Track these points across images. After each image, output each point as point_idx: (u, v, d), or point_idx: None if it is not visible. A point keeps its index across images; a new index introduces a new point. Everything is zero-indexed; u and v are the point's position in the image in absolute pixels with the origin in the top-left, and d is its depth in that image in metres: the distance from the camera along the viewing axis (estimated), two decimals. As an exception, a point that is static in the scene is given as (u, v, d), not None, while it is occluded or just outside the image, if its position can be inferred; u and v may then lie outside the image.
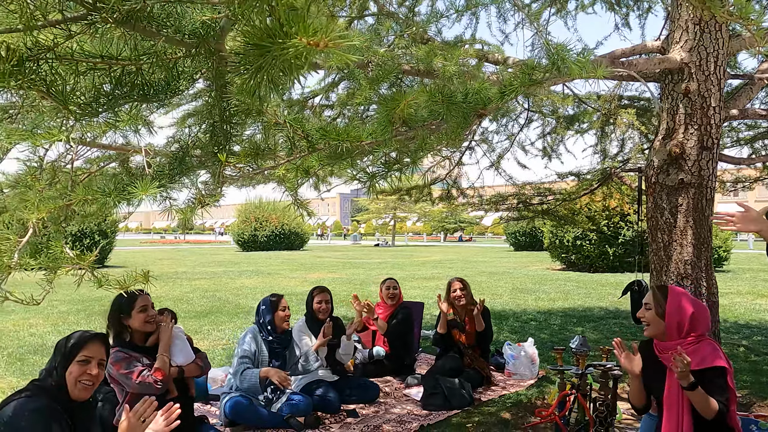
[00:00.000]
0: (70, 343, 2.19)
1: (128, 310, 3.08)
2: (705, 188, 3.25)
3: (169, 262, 21.01)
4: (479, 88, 1.32)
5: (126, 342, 3.11)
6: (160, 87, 1.05)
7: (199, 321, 8.03)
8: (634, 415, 4.09)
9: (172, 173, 1.34)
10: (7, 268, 1.12)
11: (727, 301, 9.95)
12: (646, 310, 2.75)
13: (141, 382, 2.96)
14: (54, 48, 0.88)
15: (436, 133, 1.45)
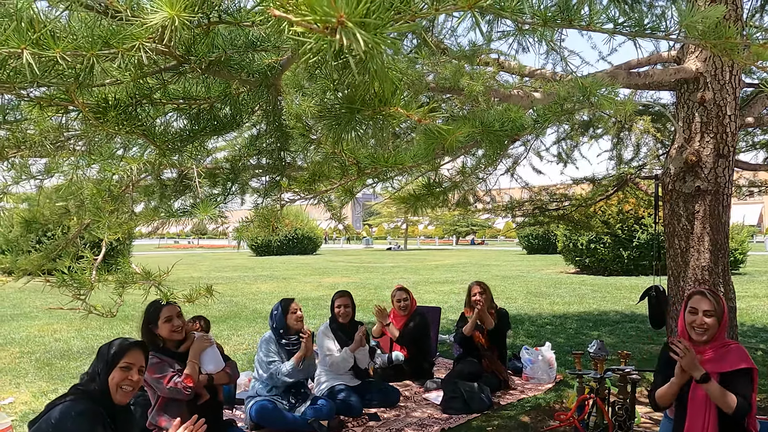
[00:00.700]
0: (113, 350, 2.30)
1: (155, 320, 3.21)
2: (721, 195, 3.31)
3: (184, 267, 21.24)
4: (515, 116, 1.41)
5: (160, 348, 3.23)
6: (226, 120, 1.15)
7: (218, 326, 8.15)
8: (652, 418, 4.13)
9: (227, 191, 1.44)
10: (88, 284, 1.22)
11: (744, 305, 9.91)
12: (707, 317, 2.76)
13: (171, 387, 3.07)
14: (151, 95, 0.99)
15: (475, 158, 1.55)
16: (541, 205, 5.53)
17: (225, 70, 0.90)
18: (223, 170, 1.59)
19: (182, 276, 17.17)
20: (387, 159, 1.33)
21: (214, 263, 24.20)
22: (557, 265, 20.37)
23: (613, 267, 16.20)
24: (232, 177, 1.49)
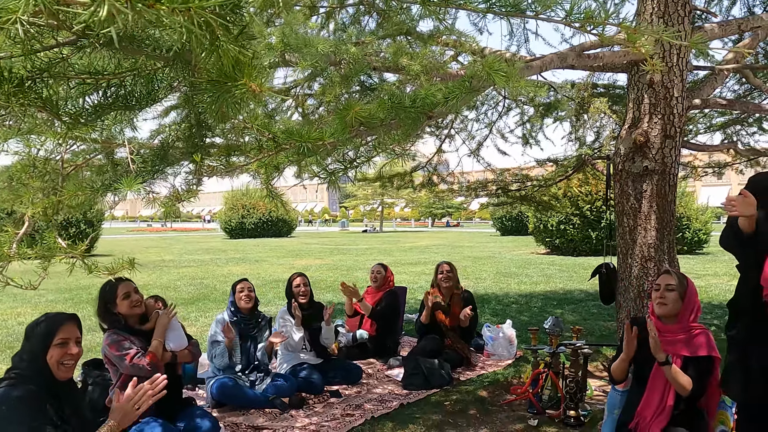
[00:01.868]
0: (43, 328, 2.24)
1: (113, 299, 3.20)
2: (668, 175, 3.41)
3: (156, 250, 21.01)
4: (426, 93, 1.45)
5: (122, 326, 3.21)
6: (141, 96, 1.16)
7: (187, 308, 8.13)
8: (605, 391, 4.28)
9: (155, 169, 1.45)
10: (6, 257, 1.22)
11: (704, 283, 10.24)
12: (667, 291, 2.87)
13: (134, 364, 3.07)
14: (49, 68, 0.99)
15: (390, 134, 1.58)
16: (504, 185, 5.62)
17: (131, 46, 0.91)
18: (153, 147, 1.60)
19: (153, 259, 17.00)
20: (301, 134, 1.36)
21: (186, 246, 23.97)
22: (528, 247, 20.69)
23: (582, 247, 16.53)
24: (161, 153, 1.51)
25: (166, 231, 45.14)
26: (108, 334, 3.17)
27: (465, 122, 5.93)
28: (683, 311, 2.89)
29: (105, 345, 3.14)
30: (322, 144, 1.34)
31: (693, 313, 2.90)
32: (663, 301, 2.88)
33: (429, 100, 1.42)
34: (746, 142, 6.31)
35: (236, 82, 0.84)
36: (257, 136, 1.38)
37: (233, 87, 0.84)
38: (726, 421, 3.08)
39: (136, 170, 1.41)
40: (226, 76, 0.85)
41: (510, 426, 3.63)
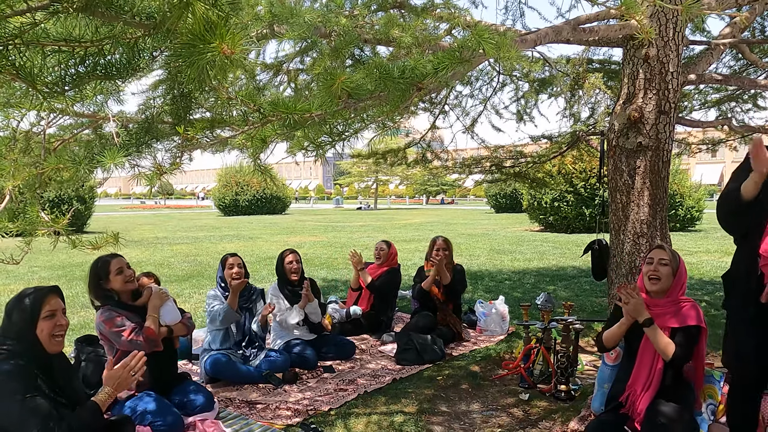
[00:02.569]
0: (29, 304, 2.24)
1: (105, 274, 3.19)
2: (662, 151, 3.40)
3: (149, 228, 20.96)
4: (415, 64, 1.41)
5: (115, 302, 3.21)
6: (121, 65, 1.13)
7: (181, 285, 8.14)
8: (596, 366, 4.33)
9: (140, 142, 1.42)
10: (-14, 230, 1.21)
11: (696, 260, 10.32)
12: (661, 266, 2.89)
13: (132, 340, 3.08)
14: (21, 34, 0.95)
15: (379, 106, 1.55)
16: (498, 162, 5.59)
17: (108, 12, 0.88)
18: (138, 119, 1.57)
19: (147, 236, 16.96)
20: (287, 105, 1.33)
21: (180, 223, 23.91)
22: (523, 224, 20.75)
23: (576, 224, 16.59)
24: (146, 126, 1.48)
25: (159, 208, 44.99)
26: (102, 311, 3.17)
27: (459, 98, 5.88)
28: (674, 286, 2.91)
29: (100, 321, 3.14)
30: (310, 116, 1.31)
31: (683, 286, 2.93)
32: (656, 275, 2.89)
33: (418, 71, 1.39)
34: (741, 118, 6.30)
35: (209, 44, 0.81)
36: (242, 108, 1.35)
37: (206, 49, 0.81)
38: (714, 395, 3.12)
39: (121, 144, 1.38)
40: (199, 39, 0.82)
41: (501, 400, 3.67)
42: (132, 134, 1.47)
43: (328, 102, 1.31)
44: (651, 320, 2.81)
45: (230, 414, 3.45)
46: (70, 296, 7.39)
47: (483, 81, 5.69)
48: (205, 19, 0.80)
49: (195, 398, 3.32)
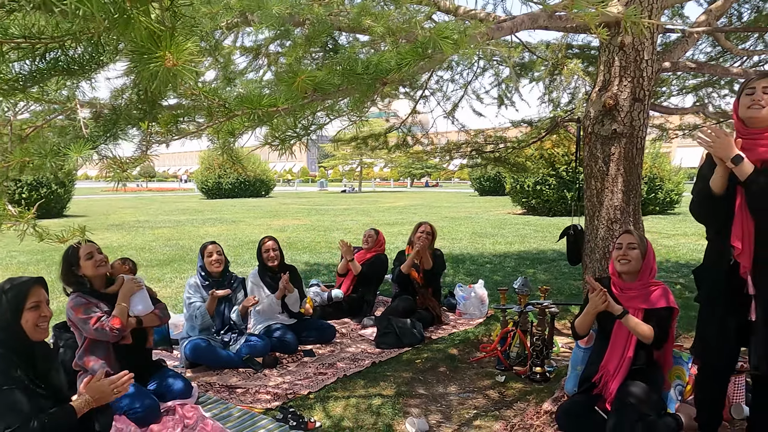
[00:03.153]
0: (14, 294, 2.26)
1: (76, 261, 3.17)
2: (636, 138, 3.45)
3: (130, 211, 20.75)
4: (378, 60, 1.43)
5: (87, 289, 3.18)
6: (84, 61, 1.12)
7: (162, 269, 8.11)
8: (571, 348, 4.43)
9: (108, 134, 1.42)
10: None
11: (672, 243, 10.51)
12: (630, 249, 2.98)
13: (98, 328, 3.05)
14: None
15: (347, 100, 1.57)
16: (478, 147, 5.62)
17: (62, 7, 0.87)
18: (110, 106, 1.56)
19: (128, 220, 16.80)
20: (254, 101, 1.34)
21: (162, 206, 23.69)
22: (506, 207, 20.90)
23: (557, 208, 16.75)
24: (114, 118, 1.47)
25: (141, 191, 44.48)
26: (72, 297, 3.15)
27: (440, 83, 5.88)
28: (644, 269, 2.99)
29: (69, 308, 3.13)
30: (276, 110, 1.32)
31: (652, 269, 3.01)
32: (626, 258, 2.98)
33: (382, 66, 1.40)
34: (717, 104, 6.38)
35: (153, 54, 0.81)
36: (206, 105, 1.35)
37: (150, 60, 0.82)
38: (682, 376, 3.22)
39: (90, 135, 1.38)
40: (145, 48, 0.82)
41: (478, 382, 3.75)
42: (101, 125, 1.46)
43: (294, 96, 1.31)
44: (625, 312, 2.88)
45: (210, 398, 3.48)
46: (50, 281, 7.32)
47: (464, 66, 5.69)
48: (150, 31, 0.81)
49: (173, 384, 3.34)
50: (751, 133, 2.37)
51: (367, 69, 1.39)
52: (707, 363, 2.67)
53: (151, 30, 0.81)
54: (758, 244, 2.36)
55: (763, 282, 2.36)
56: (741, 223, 2.37)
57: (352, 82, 1.39)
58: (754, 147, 2.34)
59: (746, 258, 2.37)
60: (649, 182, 16.92)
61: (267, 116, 1.34)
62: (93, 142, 1.34)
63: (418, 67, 1.43)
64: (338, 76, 1.38)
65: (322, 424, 3.09)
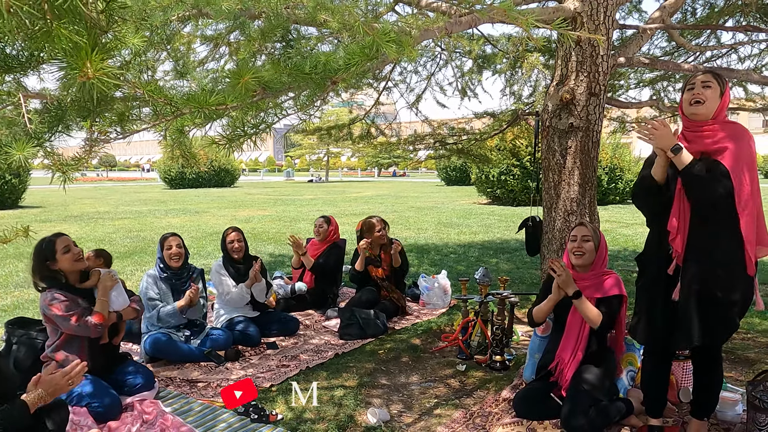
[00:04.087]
0: None
1: (52, 255, 3.06)
2: (592, 132, 3.54)
3: (90, 202, 20.20)
4: (327, 59, 1.43)
5: (63, 285, 3.09)
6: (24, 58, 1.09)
7: (123, 261, 7.95)
8: (530, 337, 4.54)
9: (52, 130, 1.38)
10: None
11: (631, 232, 10.82)
12: (584, 242, 3.08)
13: (80, 324, 3.00)
14: None
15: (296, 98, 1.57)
16: (441, 139, 5.67)
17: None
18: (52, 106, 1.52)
19: (87, 211, 16.36)
20: (201, 100, 1.33)
21: (123, 197, 23.14)
22: (471, 197, 21.14)
23: (522, 198, 17.03)
24: (59, 115, 1.43)
25: (101, 181, 43.32)
26: (48, 293, 3.06)
27: (404, 74, 5.89)
28: (596, 260, 3.09)
29: (45, 305, 3.04)
30: (225, 108, 1.31)
31: (605, 259, 3.12)
32: (581, 251, 3.08)
33: (330, 66, 1.40)
34: (672, 98, 6.58)
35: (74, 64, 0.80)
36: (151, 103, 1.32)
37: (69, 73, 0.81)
38: (634, 362, 3.34)
39: (34, 131, 1.34)
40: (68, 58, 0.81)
41: (440, 371, 3.81)
42: (46, 121, 1.42)
43: (242, 95, 1.31)
44: (579, 293, 2.99)
45: (170, 393, 3.44)
46: (3, 275, 7.11)
47: (427, 57, 5.71)
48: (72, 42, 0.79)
49: (134, 378, 3.30)
50: (694, 126, 2.47)
51: (315, 68, 1.40)
52: (648, 347, 2.79)
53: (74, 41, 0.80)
54: (691, 231, 2.46)
55: (692, 266, 2.47)
56: (678, 210, 2.47)
57: (301, 80, 1.39)
58: (697, 139, 2.45)
59: (679, 243, 2.48)
60: (610, 173, 17.33)
61: (215, 114, 1.32)
62: (37, 139, 1.31)
63: (367, 67, 1.44)
64: (286, 75, 1.38)
65: (284, 416, 3.10)
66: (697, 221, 2.45)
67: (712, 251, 2.44)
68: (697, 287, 2.46)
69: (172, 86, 1.46)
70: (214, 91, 1.31)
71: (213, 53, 4.84)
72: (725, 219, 2.40)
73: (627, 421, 2.94)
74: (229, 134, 1.67)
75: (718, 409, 2.98)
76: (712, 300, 2.44)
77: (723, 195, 2.34)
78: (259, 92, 1.38)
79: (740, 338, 4.33)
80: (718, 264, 2.44)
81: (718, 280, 2.43)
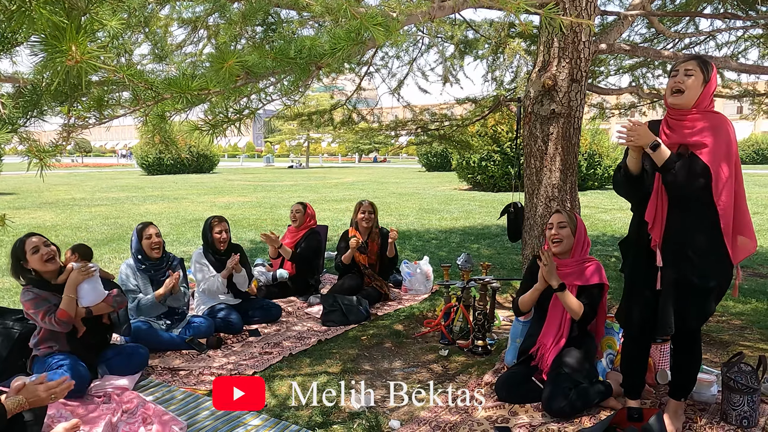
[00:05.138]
0: None
1: (23, 255, 3.12)
2: (573, 118, 3.56)
3: (65, 188, 19.80)
4: (312, 44, 1.40)
5: (38, 282, 3.15)
6: (0, 37, 1.05)
7: (100, 249, 7.82)
8: (512, 321, 4.59)
9: (27, 115, 1.34)
10: None
11: (609, 217, 10.97)
12: (561, 228, 3.11)
13: (47, 322, 3.05)
14: None
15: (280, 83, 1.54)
16: (423, 125, 5.65)
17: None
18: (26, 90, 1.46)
19: (63, 197, 16.04)
20: (183, 85, 1.29)
21: (99, 183, 22.72)
22: (452, 183, 21.20)
23: (502, 183, 17.13)
24: (34, 99, 1.38)
25: (77, 167, 42.48)
26: (23, 290, 3.13)
27: (386, 59, 5.85)
28: (576, 246, 3.13)
29: (21, 301, 3.13)
30: (207, 93, 1.28)
31: (583, 247, 3.15)
32: (558, 237, 3.12)
33: (316, 50, 1.38)
34: (651, 84, 6.64)
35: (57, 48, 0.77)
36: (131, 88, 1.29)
37: (53, 55, 0.77)
38: (613, 345, 3.40)
39: (8, 116, 1.30)
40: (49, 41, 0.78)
41: (422, 357, 3.83)
42: (20, 106, 1.38)
43: (225, 80, 1.28)
44: (563, 286, 3.02)
45: (152, 381, 3.41)
46: None
47: (409, 42, 5.67)
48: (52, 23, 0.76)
49: (113, 357, 3.33)
50: (677, 114, 2.49)
51: (300, 52, 1.37)
52: (628, 331, 2.84)
53: (55, 22, 0.76)
54: (669, 221, 2.50)
55: (669, 255, 2.52)
56: (656, 200, 2.50)
57: (285, 65, 1.36)
58: (678, 128, 2.47)
59: (657, 232, 2.52)
60: (589, 158, 17.51)
61: (197, 99, 1.29)
62: (11, 125, 1.27)
63: (353, 51, 1.41)
64: (270, 60, 1.35)
65: (268, 403, 3.10)
66: (675, 211, 2.48)
67: (689, 240, 2.48)
68: (675, 276, 2.51)
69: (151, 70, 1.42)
70: (196, 76, 1.28)
71: (191, 37, 4.74)
72: (702, 208, 2.44)
73: (606, 403, 2.99)
74: (213, 120, 1.63)
75: (695, 390, 3.05)
76: (689, 288, 2.49)
77: (701, 188, 2.37)
78: (242, 77, 1.35)
79: (715, 321, 4.44)
80: (695, 252, 2.48)
81: (694, 269, 2.47)
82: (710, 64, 2.46)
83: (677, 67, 2.47)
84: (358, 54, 2.05)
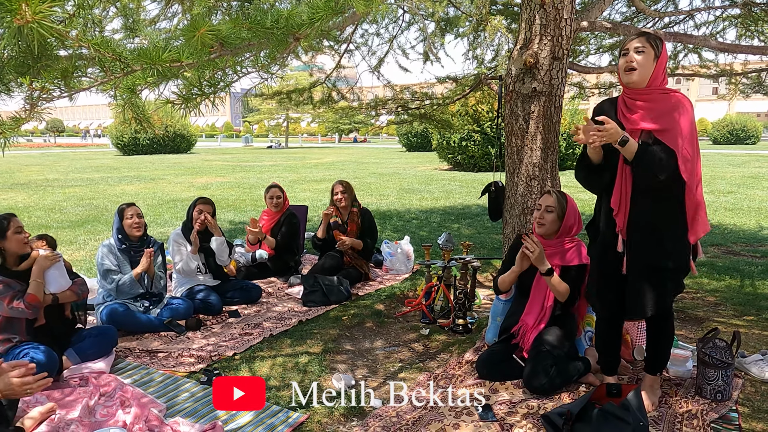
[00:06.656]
0: None
1: (3, 233, 3.00)
2: (554, 96, 3.54)
3: (37, 169, 19.33)
4: (289, 13, 1.34)
5: (0, 267, 3.03)
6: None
7: (74, 231, 7.66)
8: (492, 300, 4.62)
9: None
10: None
11: (588, 196, 11.03)
12: (547, 212, 3.10)
13: (13, 307, 2.94)
14: None
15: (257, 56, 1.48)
16: (404, 103, 5.60)
17: None
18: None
19: (35, 178, 15.66)
20: (153, 55, 1.23)
21: (74, 164, 22.22)
22: (432, 163, 21.19)
23: (482, 163, 17.17)
24: (-3, 72, 1.32)
25: (49, 147, 41.48)
26: None
27: (365, 36, 5.76)
28: (562, 228, 3.13)
29: None
30: (180, 65, 1.22)
31: (572, 228, 3.15)
32: (542, 221, 3.13)
33: (294, 20, 1.32)
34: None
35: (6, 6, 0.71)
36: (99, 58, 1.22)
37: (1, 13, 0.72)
38: (592, 323, 3.44)
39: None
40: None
41: (403, 336, 3.84)
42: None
43: (198, 51, 1.22)
44: (551, 270, 3.03)
45: (130, 364, 3.37)
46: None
47: (389, 19, 5.59)
48: None
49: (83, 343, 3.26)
50: (633, 94, 2.48)
51: (277, 22, 1.31)
52: (599, 310, 2.87)
53: None
54: (633, 206, 2.51)
55: (634, 239, 2.54)
56: (620, 187, 2.51)
57: (261, 36, 1.30)
58: (636, 109, 2.46)
59: (621, 218, 2.54)
60: (568, 138, 17.60)
61: (169, 72, 1.23)
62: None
63: (333, 23, 1.36)
64: (246, 30, 1.29)
65: (248, 384, 3.07)
66: (639, 195, 2.49)
67: (653, 223, 2.50)
68: (642, 259, 2.53)
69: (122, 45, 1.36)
70: (167, 48, 1.22)
71: (165, 11, 4.60)
72: (666, 192, 2.45)
73: (585, 379, 3.04)
74: (185, 94, 1.57)
75: (670, 365, 3.11)
76: (656, 269, 2.52)
77: (668, 174, 2.38)
78: (216, 48, 1.28)
79: (690, 298, 4.52)
80: (658, 235, 2.50)
81: (659, 250, 2.50)
82: (659, 38, 2.44)
83: (626, 46, 2.44)
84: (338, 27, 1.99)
